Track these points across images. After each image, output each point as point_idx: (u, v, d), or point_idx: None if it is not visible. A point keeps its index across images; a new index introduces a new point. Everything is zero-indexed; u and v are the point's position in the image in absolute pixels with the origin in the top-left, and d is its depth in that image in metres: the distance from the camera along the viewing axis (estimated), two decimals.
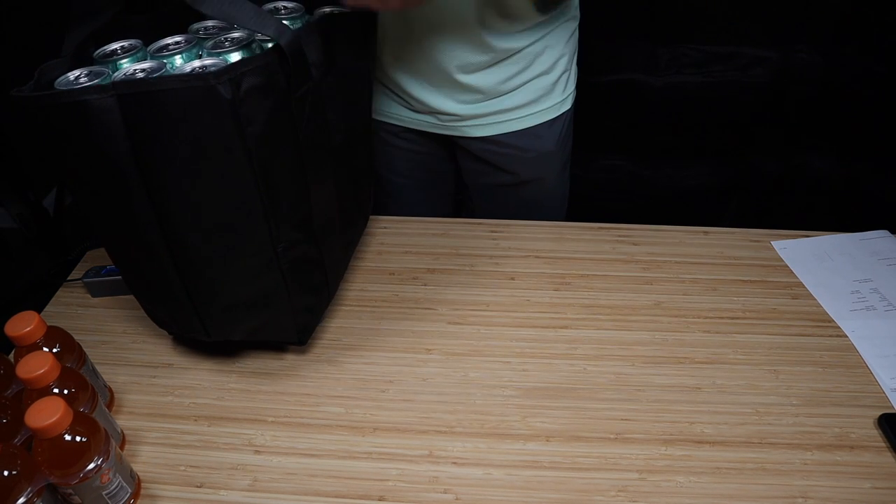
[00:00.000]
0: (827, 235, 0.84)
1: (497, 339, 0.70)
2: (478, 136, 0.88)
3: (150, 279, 0.60)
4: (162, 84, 0.48)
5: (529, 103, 0.86)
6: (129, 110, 0.48)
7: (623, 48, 1.30)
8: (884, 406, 0.63)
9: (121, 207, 0.54)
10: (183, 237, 0.55)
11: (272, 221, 0.56)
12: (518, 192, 0.95)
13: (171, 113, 0.48)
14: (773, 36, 1.26)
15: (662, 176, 1.49)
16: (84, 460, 0.48)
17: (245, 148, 0.51)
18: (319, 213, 0.62)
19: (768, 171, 1.44)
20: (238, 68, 0.48)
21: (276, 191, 0.55)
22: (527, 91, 0.85)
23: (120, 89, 0.47)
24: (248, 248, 0.57)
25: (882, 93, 1.28)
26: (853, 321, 0.72)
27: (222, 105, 0.48)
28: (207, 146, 0.50)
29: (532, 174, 0.93)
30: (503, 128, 0.88)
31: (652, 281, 0.78)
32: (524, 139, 0.89)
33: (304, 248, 0.61)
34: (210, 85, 0.47)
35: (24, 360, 0.50)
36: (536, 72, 0.84)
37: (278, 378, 0.66)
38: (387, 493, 0.56)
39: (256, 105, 0.50)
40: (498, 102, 0.85)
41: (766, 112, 1.36)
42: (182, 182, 0.52)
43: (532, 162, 0.91)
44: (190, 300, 0.59)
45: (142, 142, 0.49)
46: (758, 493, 0.56)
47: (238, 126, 0.50)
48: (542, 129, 0.89)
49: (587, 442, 0.60)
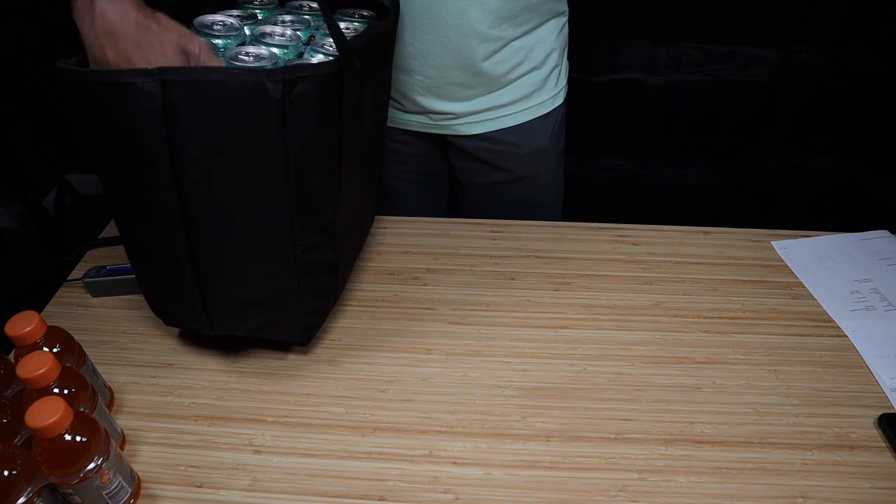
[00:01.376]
0: (827, 235, 0.84)
1: (497, 339, 0.70)
2: (471, 133, 0.88)
3: (161, 266, 0.60)
4: (210, 74, 0.48)
5: (522, 98, 0.87)
6: (171, 97, 0.48)
7: (623, 48, 1.30)
8: (884, 406, 0.63)
9: (145, 190, 0.54)
10: (203, 228, 0.54)
11: (297, 224, 0.56)
12: (513, 190, 0.95)
13: (215, 105, 0.48)
14: (773, 36, 1.26)
15: (662, 176, 1.49)
16: (84, 460, 0.48)
17: (284, 150, 0.51)
18: (342, 219, 0.62)
19: (768, 171, 1.44)
20: (295, 71, 0.48)
21: (307, 196, 0.55)
22: (519, 86, 0.85)
23: (168, 75, 0.47)
24: (267, 247, 0.57)
25: (882, 93, 1.28)
26: (853, 321, 0.72)
27: (270, 104, 0.48)
28: (246, 143, 0.50)
29: (527, 170, 0.93)
30: (497, 124, 0.88)
31: (652, 281, 0.78)
32: (518, 135, 0.89)
33: (323, 253, 0.61)
34: (260, 82, 0.47)
35: (24, 360, 0.50)
36: (528, 67, 0.85)
37: (278, 378, 0.66)
38: (387, 493, 0.56)
39: (305, 111, 0.50)
40: (491, 99, 0.85)
41: (766, 112, 1.36)
42: (213, 175, 0.52)
43: (526, 158, 0.91)
44: (200, 291, 0.59)
45: (178, 130, 0.49)
46: (758, 493, 0.56)
47: (282, 128, 0.50)
48: (535, 124, 0.89)
49: (587, 442, 0.60)
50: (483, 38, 0.78)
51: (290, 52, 0.58)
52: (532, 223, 0.87)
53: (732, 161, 1.45)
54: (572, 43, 0.91)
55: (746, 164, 1.45)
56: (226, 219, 0.54)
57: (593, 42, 1.28)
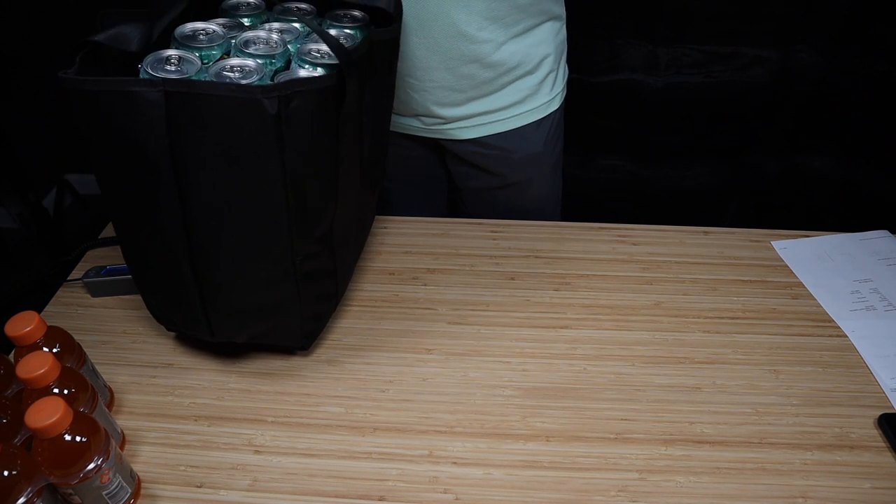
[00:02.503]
0: (827, 235, 0.84)
1: (497, 339, 0.70)
2: (463, 138, 0.88)
3: (162, 274, 0.60)
4: (210, 89, 0.48)
5: (514, 104, 0.85)
6: (174, 108, 0.48)
7: (623, 48, 1.30)
8: (884, 406, 0.63)
9: (147, 199, 0.54)
10: (205, 237, 0.55)
11: (295, 234, 0.56)
12: (506, 195, 0.94)
13: (213, 118, 0.49)
14: (773, 36, 1.26)
15: (662, 176, 1.49)
16: (84, 460, 0.48)
17: (282, 163, 0.51)
18: (340, 227, 0.62)
19: (768, 171, 1.44)
20: (291, 87, 0.48)
21: (304, 206, 0.55)
22: (511, 91, 0.84)
23: (169, 86, 0.48)
24: (267, 257, 0.57)
25: (882, 93, 1.28)
26: (853, 321, 0.72)
27: (266, 120, 0.49)
28: (244, 156, 0.51)
29: (520, 176, 0.92)
30: (488, 129, 0.87)
31: (652, 281, 0.78)
32: (510, 140, 0.88)
33: (321, 260, 0.61)
34: (256, 98, 0.48)
35: (24, 360, 0.50)
36: (521, 72, 0.83)
37: (278, 378, 0.66)
38: (387, 493, 0.56)
39: (302, 125, 0.50)
40: (482, 104, 0.84)
41: (766, 112, 1.36)
42: (214, 185, 0.52)
43: (519, 163, 0.90)
44: (201, 299, 0.59)
45: (181, 140, 0.50)
46: (758, 493, 0.56)
47: (279, 142, 0.50)
48: (528, 129, 0.88)
49: (587, 442, 0.60)
50: (470, 40, 0.77)
51: (276, 60, 0.57)
52: (532, 223, 0.87)
53: (732, 161, 1.45)
54: (572, 43, 0.91)
55: (746, 165, 1.45)
56: (225, 228, 0.54)
57: (593, 42, 1.28)
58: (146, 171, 0.51)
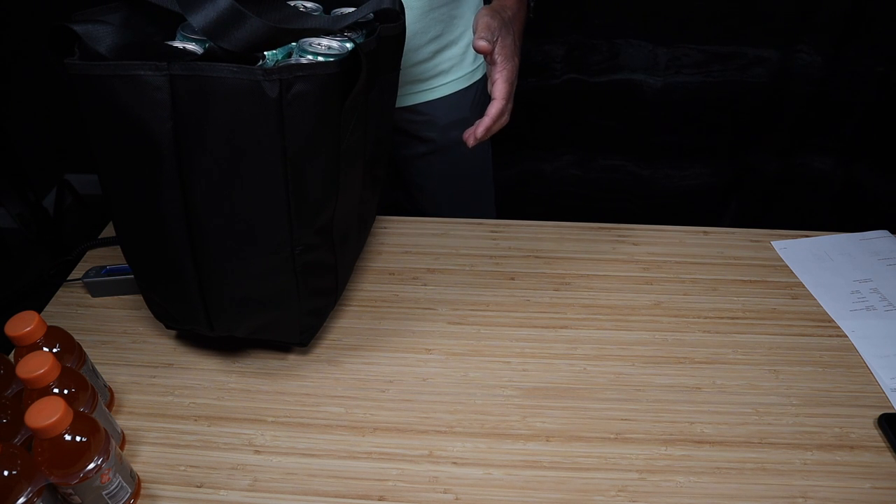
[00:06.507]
0: (827, 235, 0.84)
1: (497, 339, 0.70)
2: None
3: (161, 264, 0.60)
4: (212, 70, 0.48)
5: (440, 73, 0.89)
6: (179, 91, 0.49)
7: (623, 48, 1.30)
8: (884, 406, 0.63)
9: (148, 185, 0.54)
10: (205, 224, 0.55)
11: (294, 223, 0.56)
12: (439, 160, 0.98)
13: (215, 100, 0.49)
14: (773, 36, 1.26)
15: (662, 176, 1.49)
16: (84, 460, 0.48)
17: (283, 150, 0.51)
18: (340, 220, 0.62)
19: (768, 171, 1.44)
20: (293, 70, 0.48)
21: (304, 196, 0.55)
22: (436, 62, 0.88)
23: (174, 69, 0.48)
24: (266, 246, 0.57)
25: (882, 93, 1.28)
26: (853, 321, 0.72)
27: (267, 103, 0.49)
28: (245, 140, 0.51)
29: (448, 140, 0.95)
30: (416, 98, 0.90)
31: (652, 281, 0.78)
32: (437, 107, 0.92)
33: (321, 253, 0.61)
34: (256, 80, 0.48)
35: (24, 360, 0.50)
36: (444, 42, 0.87)
37: (278, 378, 0.66)
38: (387, 493, 0.56)
39: (304, 110, 0.50)
40: (408, 73, 0.87)
41: (766, 112, 1.36)
42: (214, 170, 0.52)
43: (446, 128, 0.94)
44: (200, 289, 0.59)
45: (184, 124, 0.50)
46: (758, 493, 0.56)
47: (280, 127, 0.50)
48: (455, 97, 0.92)
49: (587, 442, 0.60)
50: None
51: (278, 51, 0.58)
52: (532, 223, 0.87)
53: (732, 161, 1.45)
54: (572, 43, 0.91)
55: (746, 164, 1.45)
56: (226, 214, 0.54)
57: (593, 42, 1.28)
58: (149, 155, 0.52)
